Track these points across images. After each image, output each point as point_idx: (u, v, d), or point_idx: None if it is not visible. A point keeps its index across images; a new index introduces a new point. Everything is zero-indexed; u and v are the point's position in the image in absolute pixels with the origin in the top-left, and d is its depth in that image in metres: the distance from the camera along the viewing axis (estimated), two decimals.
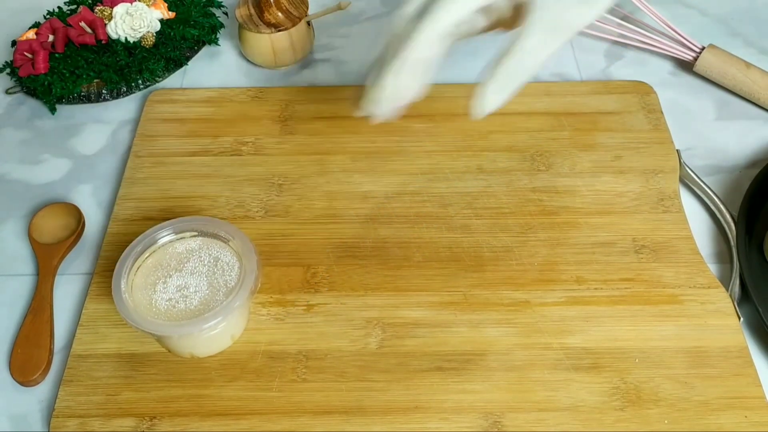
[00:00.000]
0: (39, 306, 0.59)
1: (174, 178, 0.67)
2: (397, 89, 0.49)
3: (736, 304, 0.58)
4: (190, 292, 0.55)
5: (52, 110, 0.74)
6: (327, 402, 0.54)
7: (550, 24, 0.50)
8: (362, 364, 0.56)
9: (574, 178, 0.67)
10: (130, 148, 0.71)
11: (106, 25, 0.75)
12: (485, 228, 0.63)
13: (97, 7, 0.76)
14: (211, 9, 0.81)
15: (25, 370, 0.56)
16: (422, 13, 0.48)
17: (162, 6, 0.78)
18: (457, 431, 0.52)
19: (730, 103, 0.74)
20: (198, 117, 0.73)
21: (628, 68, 0.78)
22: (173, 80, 0.78)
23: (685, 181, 0.67)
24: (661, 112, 0.71)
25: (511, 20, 0.53)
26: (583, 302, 0.59)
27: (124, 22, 0.75)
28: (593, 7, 0.51)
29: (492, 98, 0.51)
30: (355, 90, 0.53)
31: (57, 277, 0.62)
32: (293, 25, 0.76)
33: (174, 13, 0.78)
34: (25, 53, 0.74)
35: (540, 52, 0.51)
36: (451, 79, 0.76)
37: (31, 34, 0.76)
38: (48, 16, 0.79)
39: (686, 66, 0.77)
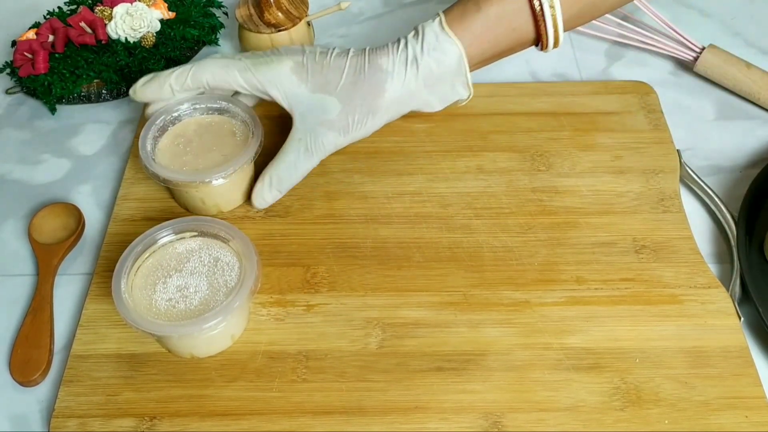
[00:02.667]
0: (39, 306, 0.59)
1: None
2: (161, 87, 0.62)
3: (736, 304, 0.58)
4: (190, 292, 0.55)
5: (52, 110, 0.74)
6: (327, 402, 0.54)
7: (304, 145, 0.61)
8: (362, 364, 0.56)
9: (574, 178, 0.66)
10: (130, 148, 0.71)
11: (106, 25, 0.75)
12: (485, 228, 0.63)
13: (97, 7, 0.76)
14: (211, 9, 0.81)
15: (25, 370, 0.56)
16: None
17: (162, 6, 0.78)
18: (457, 431, 0.52)
19: (730, 103, 0.74)
20: None
21: (628, 68, 0.78)
22: None
23: (685, 181, 0.67)
24: (661, 112, 0.71)
25: None
26: (583, 302, 0.58)
27: (124, 22, 0.75)
28: (346, 137, 0.61)
29: (267, 196, 0.63)
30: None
31: (57, 277, 0.62)
32: (293, 25, 0.76)
33: (174, 13, 0.78)
34: (25, 53, 0.74)
35: (299, 166, 0.61)
36: None
37: (31, 34, 0.76)
38: (48, 16, 0.79)
39: (686, 66, 0.77)
